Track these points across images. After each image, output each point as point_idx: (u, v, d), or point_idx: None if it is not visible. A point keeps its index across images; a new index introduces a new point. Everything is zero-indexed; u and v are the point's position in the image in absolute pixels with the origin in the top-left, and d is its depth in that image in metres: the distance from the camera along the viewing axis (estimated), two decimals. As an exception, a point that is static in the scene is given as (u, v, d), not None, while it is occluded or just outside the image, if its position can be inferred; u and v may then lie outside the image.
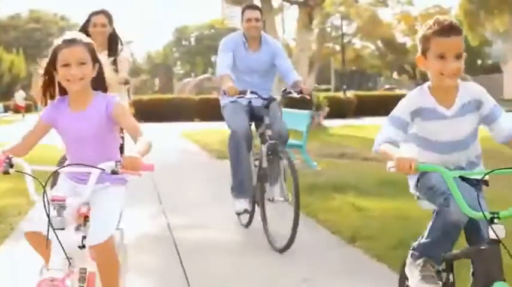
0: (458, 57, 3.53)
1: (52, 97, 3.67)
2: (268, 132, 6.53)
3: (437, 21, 3.58)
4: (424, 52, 3.63)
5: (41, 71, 3.61)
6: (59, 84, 3.60)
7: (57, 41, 3.53)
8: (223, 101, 6.99)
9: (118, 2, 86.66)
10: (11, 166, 3.30)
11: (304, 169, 11.03)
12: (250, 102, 6.88)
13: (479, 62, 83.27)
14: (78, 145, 3.64)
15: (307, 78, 26.87)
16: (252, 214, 6.93)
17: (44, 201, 3.13)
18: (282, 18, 48.49)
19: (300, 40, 25.98)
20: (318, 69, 64.92)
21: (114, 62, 6.39)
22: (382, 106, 36.30)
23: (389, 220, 6.87)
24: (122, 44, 7.21)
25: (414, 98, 3.74)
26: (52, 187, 4.17)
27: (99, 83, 3.64)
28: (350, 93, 39.54)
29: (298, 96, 6.70)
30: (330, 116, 27.96)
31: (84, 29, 6.92)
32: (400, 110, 3.72)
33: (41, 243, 3.37)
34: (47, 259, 3.36)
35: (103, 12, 7.09)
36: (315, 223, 7.11)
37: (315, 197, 8.07)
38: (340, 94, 39.15)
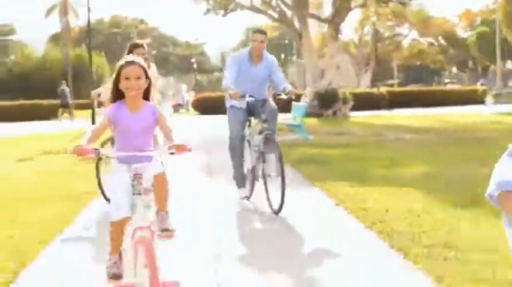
0: None
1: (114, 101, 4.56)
2: (264, 125, 8.30)
3: None
4: None
5: (110, 85, 4.60)
6: (118, 92, 4.51)
7: (121, 62, 4.52)
8: (227, 103, 8.89)
9: (189, 5, 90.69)
10: (99, 153, 4.28)
11: (300, 139, 17.82)
12: (248, 102, 8.52)
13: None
14: (131, 137, 4.49)
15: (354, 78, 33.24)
16: (252, 188, 8.75)
17: (130, 174, 4.29)
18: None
19: (330, 49, 32.77)
20: (375, 67, 70.96)
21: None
22: (414, 99, 42.36)
23: (318, 156, 13.67)
24: (149, 68, 10.39)
25: None
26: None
27: (146, 94, 4.58)
28: (383, 89, 45.61)
29: (286, 97, 8.55)
30: (363, 108, 34.43)
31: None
32: None
33: (121, 227, 4.44)
34: (117, 244, 4.49)
35: (142, 45, 8.98)
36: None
37: (292, 149, 14.75)
38: (374, 90, 45.33)
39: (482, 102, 44.63)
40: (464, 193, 8.32)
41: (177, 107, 46.21)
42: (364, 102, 36.71)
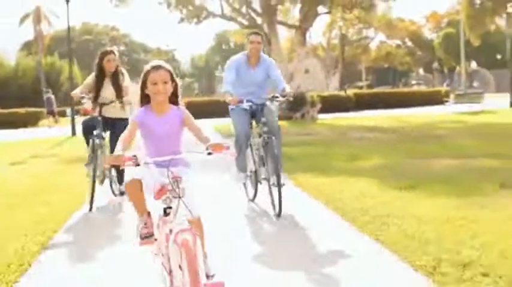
0: None
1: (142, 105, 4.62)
2: (264, 128, 8.29)
3: None
4: None
5: (139, 90, 4.62)
6: (144, 97, 4.60)
7: (147, 67, 4.55)
8: (231, 106, 8.71)
9: (161, 10, 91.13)
10: (137, 159, 4.17)
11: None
12: (251, 106, 8.45)
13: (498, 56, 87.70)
14: (158, 141, 4.56)
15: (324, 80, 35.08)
16: (256, 191, 8.85)
17: (169, 179, 4.21)
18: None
19: (298, 54, 34.44)
20: (343, 70, 72.81)
21: (119, 86, 9.44)
22: (380, 101, 43.98)
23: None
24: (123, 75, 9.52)
25: None
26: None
27: (174, 97, 4.63)
28: (350, 92, 47.23)
29: (284, 99, 8.48)
30: (331, 110, 36.01)
31: (100, 65, 9.39)
32: None
33: (137, 189, 4.57)
34: (140, 205, 4.65)
35: (113, 51, 9.46)
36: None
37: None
38: (342, 93, 46.85)
39: (444, 102, 46.55)
40: (407, 180, 9.91)
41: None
42: (332, 104, 38.27)
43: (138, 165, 4.14)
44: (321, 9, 37.38)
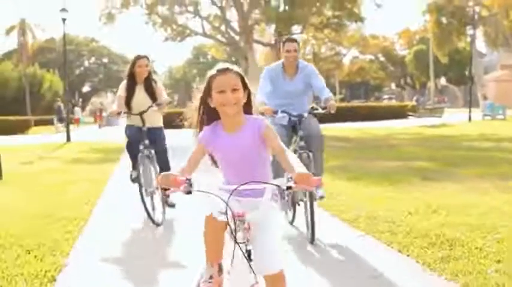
0: None
1: (202, 123, 3.73)
2: (301, 143, 7.46)
3: None
4: None
5: (196, 102, 3.70)
6: (210, 111, 3.66)
7: (211, 71, 3.61)
8: (268, 120, 6.15)
9: (140, 22, 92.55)
10: (191, 185, 3.32)
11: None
12: (290, 119, 7.50)
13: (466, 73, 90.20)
14: (233, 164, 3.68)
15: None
16: (294, 213, 8.03)
17: (227, 217, 3.32)
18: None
19: (273, 69, 37.28)
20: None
21: (153, 92, 8.89)
22: (350, 114, 46.56)
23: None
24: (156, 83, 8.96)
25: None
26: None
27: (248, 107, 3.67)
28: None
29: (324, 111, 7.61)
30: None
31: (131, 71, 8.72)
32: None
33: (216, 230, 3.63)
34: (215, 251, 3.71)
35: (145, 56, 8.76)
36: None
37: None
38: (313, 105, 49.26)
39: (408, 116, 49.55)
40: (352, 174, 12.86)
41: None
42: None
43: (189, 193, 3.33)
44: (295, 28, 40.29)
